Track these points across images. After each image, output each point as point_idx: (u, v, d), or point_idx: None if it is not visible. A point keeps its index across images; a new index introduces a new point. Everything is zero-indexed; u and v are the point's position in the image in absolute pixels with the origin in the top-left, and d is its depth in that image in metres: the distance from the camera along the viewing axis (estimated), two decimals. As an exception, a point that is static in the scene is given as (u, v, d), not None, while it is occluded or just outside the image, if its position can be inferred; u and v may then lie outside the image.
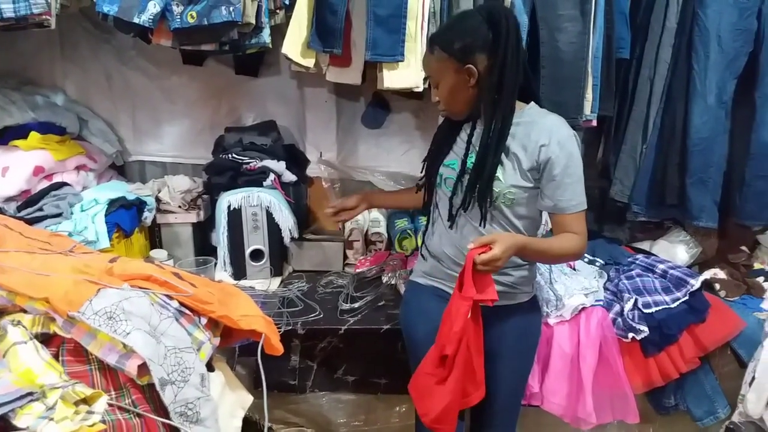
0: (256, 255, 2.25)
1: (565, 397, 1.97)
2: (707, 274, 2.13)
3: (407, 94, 2.32)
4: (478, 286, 1.40)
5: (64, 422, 0.90)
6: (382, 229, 2.46)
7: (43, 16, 1.77)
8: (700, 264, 2.35)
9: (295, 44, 2.01)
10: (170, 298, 1.25)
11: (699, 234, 2.34)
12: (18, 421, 0.89)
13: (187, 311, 1.26)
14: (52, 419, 0.90)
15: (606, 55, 2.08)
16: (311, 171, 2.61)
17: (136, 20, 1.83)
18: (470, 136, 1.59)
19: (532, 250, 1.48)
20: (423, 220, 2.06)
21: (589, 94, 2.05)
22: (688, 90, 2.10)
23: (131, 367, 1.06)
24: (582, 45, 2.01)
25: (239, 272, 2.26)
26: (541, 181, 1.53)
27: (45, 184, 2.13)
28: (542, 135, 1.51)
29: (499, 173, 1.52)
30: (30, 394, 0.92)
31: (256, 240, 2.24)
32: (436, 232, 1.71)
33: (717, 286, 2.16)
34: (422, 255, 1.77)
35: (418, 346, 1.67)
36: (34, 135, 2.13)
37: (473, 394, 1.53)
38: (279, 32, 2.06)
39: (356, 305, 2.06)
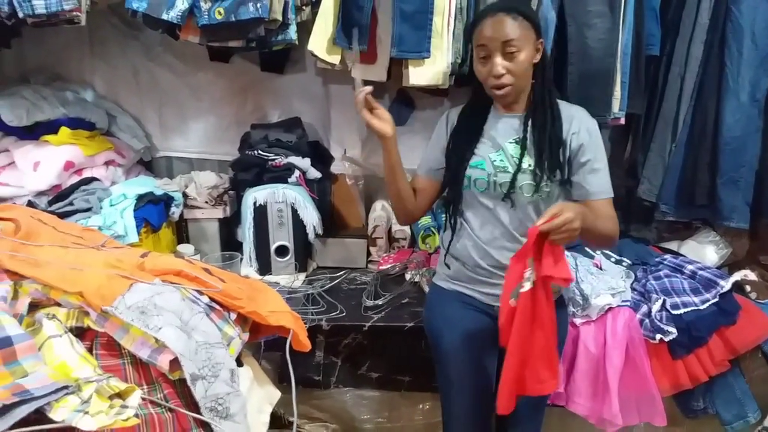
0: (281, 251, 2.26)
1: (591, 398, 1.95)
2: (737, 276, 2.08)
3: (432, 91, 2.31)
4: (546, 264, 1.32)
5: (99, 416, 0.91)
6: (406, 227, 2.46)
7: (74, 13, 1.80)
8: (729, 265, 2.31)
9: (321, 41, 2.01)
10: (200, 293, 1.26)
11: (729, 234, 2.29)
12: (54, 414, 0.90)
13: (217, 306, 1.27)
14: (87, 413, 0.91)
15: (635, 51, 2.05)
16: (335, 168, 2.61)
17: (164, 16, 1.85)
18: (524, 131, 1.55)
19: (586, 220, 1.40)
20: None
21: (617, 92, 2.03)
22: (720, 87, 2.06)
23: (163, 362, 1.07)
24: (611, 41, 1.99)
25: (264, 268, 2.27)
26: (571, 169, 1.53)
27: (75, 178, 2.16)
28: (572, 124, 1.54)
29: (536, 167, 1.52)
30: (65, 387, 0.93)
31: (281, 236, 2.25)
32: (462, 238, 1.65)
33: (747, 287, 2.12)
34: (446, 264, 1.70)
35: (444, 355, 1.67)
36: (64, 130, 2.16)
37: (547, 381, 1.43)
38: (305, 29, 2.07)
39: (380, 302, 2.06)
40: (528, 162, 1.53)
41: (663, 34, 2.12)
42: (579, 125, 1.54)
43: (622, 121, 2.09)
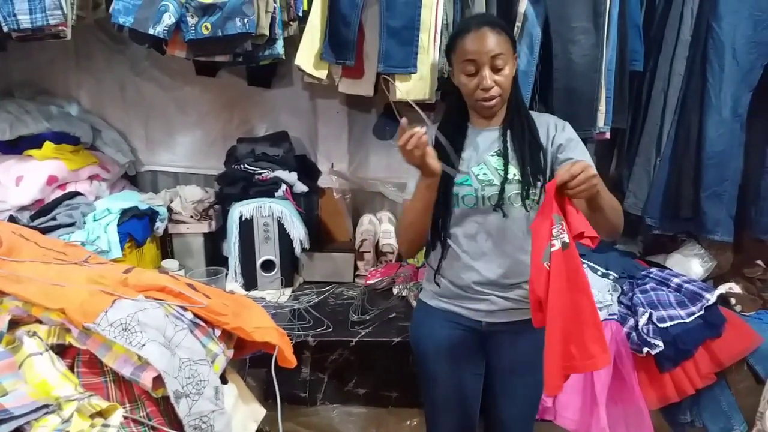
0: (268, 266, 2.25)
1: (579, 412, 1.94)
2: (722, 289, 2.11)
3: (419, 105, 2.31)
4: (576, 221, 1.27)
5: (79, 435, 0.89)
6: (393, 241, 2.45)
7: (60, 27, 1.79)
8: (714, 278, 2.33)
9: (308, 56, 2.01)
10: (185, 309, 1.24)
11: (714, 248, 2.31)
12: (33, 434, 0.88)
13: (202, 323, 1.26)
14: (67, 432, 0.89)
15: (619, 67, 2.08)
16: (322, 182, 2.61)
17: (151, 31, 1.84)
18: (504, 142, 1.56)
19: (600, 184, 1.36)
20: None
21: (602, 107, 2.05)
22: (702, 103, 2.09)
23: (146, 380, 1.05)
24: (595, 57, 2.01)
25: (250, 283, 2.25)
26: (555, 166, 1.55)
27: (58, 193, 2.14)
28: (548, 129, 1.57)
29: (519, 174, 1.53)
30: (46, 406, 0.91)
31: (267, 251, 2.23)
32: (450, 257, 1.61)
33: (732, 300, 2.14)
34: (435, 282, 1.65)
35: (430, 377, 1.67)
36: (48, 145, 2.15)
37: (598, 356, 1.29)
38: (292, 44, 2.07)
39: (367, 317, 2.05)
40: (513, 172, 1.54)
41: (646, 50, 2.15)
42: (554, 129, 1.57)
43: (607, 135, 2.11)
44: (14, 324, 1.12)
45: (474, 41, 1.48)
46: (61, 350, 1.10)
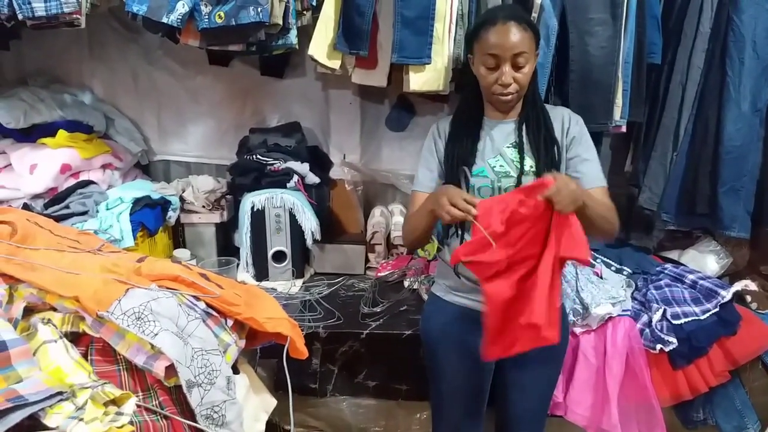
0: (279, 256, 2.25)
1: (590, 408, 1.93)
2: (738, 286, 2.07)
3: (432, 97, 2.30)
4: (565, 244, 1.31)
5: (93, 423, 0.90)
6: (405, 233, 2.44)
7: (74, 16, 1.79)
8: (730, 275, 2.30)
9: (321, 46, 2.00)
10: (197, 299, 1.24)
11: (730, 244, 2.28)
12: (48, 421, 0.88)
13: (214, 313, 1.26)
14: (81, 419, 0.90)
15: (637, 60, 2.04)
16: (334, 173, 2.60)
17: (164, 20, 1.84)
18: (520, 135, 1.55)
19: (587, 196, 1.38)
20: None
21: (619, 99, 2.02)
22: (721, 96, 2.06)
23: (159, 369, 1.05)
24: (612, 49, 1.98)
25: (261, 273, 2.25)
26: (566, 162, 1.56)
27: (72, 182, 2.15)
28: (562, 122, 1.57)
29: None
30: (60, 393, 0.91)
31: (278, 241, 2.23)
32: None
33: (748, 298, 2.11)
34: (457, 274, 1.62)
35: (438, 370, 1.66)
36: (62, 133, 2.15)
37: (547, 332, 1.34)
38: (305, 34, 2.06)
39: (378, 309, 2.04)
40: (529, 164, 1.53)
41: (664, 42, 2.12)
42: (568, 122, 1.57)
43: (624, 129, 2.08)
44: (29, 311, 1.13)
45: (498, 35, 1.45)
46: (75, 338, 1.11)
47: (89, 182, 2.17)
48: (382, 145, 2.61)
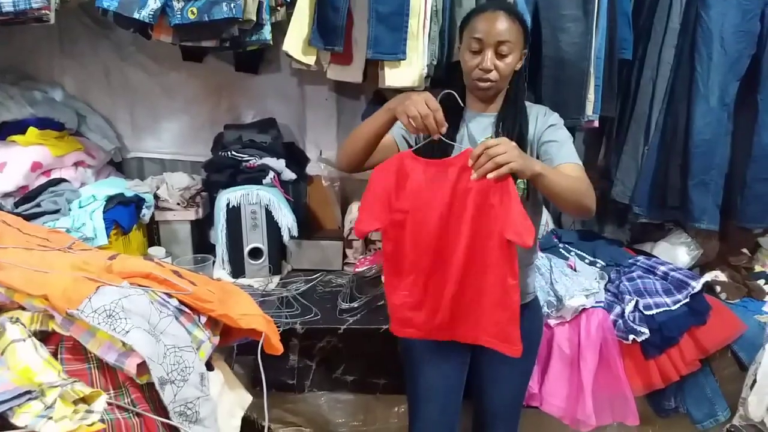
0: (255, 253, 2.24)
1: (565, 399, 1.96)
2: (708, 277, 2.12)
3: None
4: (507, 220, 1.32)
5: (63, 421, 0.89)
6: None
7: (43, 11, 1.76)
8: (701, 266, 2.34)
9: (296, 41, 1.99)
10: (170, 296, 1.23)
11: (700, 236, 2.33)
12: (16, 420, 0.87)
13: (187, 310, 1.25)
14: (50, 418, 0.89)
15: (608, 55, 2.07)
16: (311, 169, 2.59)
17: (136, 16, 1.82)
18: (496, 130, 1.56)
19: (542, 166, 1.36)
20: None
21: (591, 95, 2.05)
22: (690, 91, 2.09)
23: (131, 366, 1.04)
24: (584, 45, 2.01)
25: (238, 270, 2.24)
26: (540, 150, 1.56)
27: (43, 180, 2.11)
28: (537, 121, 1.58)
29: None
30: (29, 392, 0.90)
31: (255, 238, 2.22)
32: None
33: (718, 288, 2.16)
34: None
35: (414, 364, 1.68)
36: (32, 130, 2.12)
37: (461, 327, 1.45)
38: (280, 29, 2.05)
39: (355, 305, 2.04)
40: None
41: (635, 38, 2.15)
42: (539, 117, 1.59)
43: (596, 123, 2.11)
44: (-3, 310, 1.11)
45: (486, 21, 1.49)
46: (45, 337, 1.09)
47: (61, 180, 2.14)
48: (358, 141, 2.61)
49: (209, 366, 1.27)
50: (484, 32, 1.48)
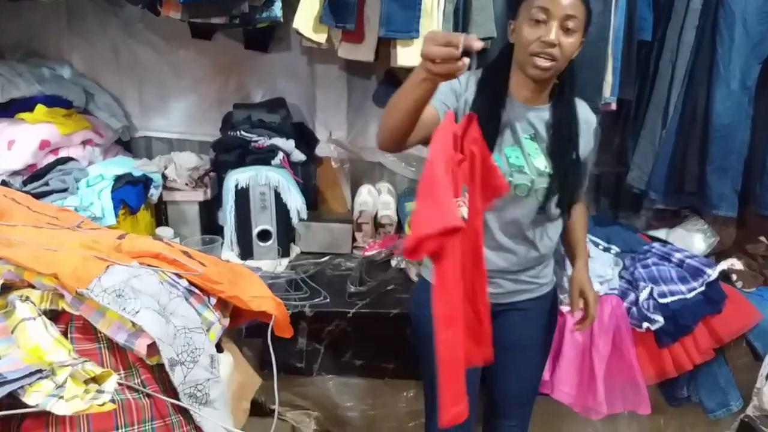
0: (264, 235, 2.22)
1: (576, 386, 1.94)
2: (724, 265, 2.09)
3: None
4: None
5: (73, 401, 0.87)
6: (392, 212, 2.42)
7: (51, -14, 1.73)
8: (717, 254, 2.31)
9: (306, 19, 1.95)
10: (180, 276, 1.22)
11: (717, 223, 2.29)
12: (27, 399, 0.86)
13: (197, 291, 1.23)
14: (61, 397, 0.87)
15: (627, 36, 2.02)
16: (320, 150, 2.56)
17: (145, -9, 1.79)
18: (545, 129, 1.47)
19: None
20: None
21: (609, 77, 2.00)
22: (710, 74, 2.04)
23: (140, 347, 1.03)
24: (603, 25, 1.95)
25: (246, 252, 2.22)
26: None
27: (51, 158, 2.10)
28: (590, 134, 1.53)
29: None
30: (39, 371, 0.89)
31: (263, 220, 2.20)
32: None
33: (734, 276, 2.12)
34: None
35: (432, 360, 1.63)
36: (40, 108, 2.09)
37: (475, 350, 1.29)
38: (290, 6, 2.01)
39: (364, 289, 2.02)
40: (544, 164, 1.45)
41: (655, 18, 2.09)
42: (589, 140, 1.53)
43: (614, 106, 2.07)
44: (7, 288, 1.09)
45: None
46: (55, 315, 1.08)
47: (69, 159, 2.12)
48: (369, 122, 2.57)
49: (219, 348, 1.26)
50: (552, 2, 1.32)
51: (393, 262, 2.21)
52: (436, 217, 1.00)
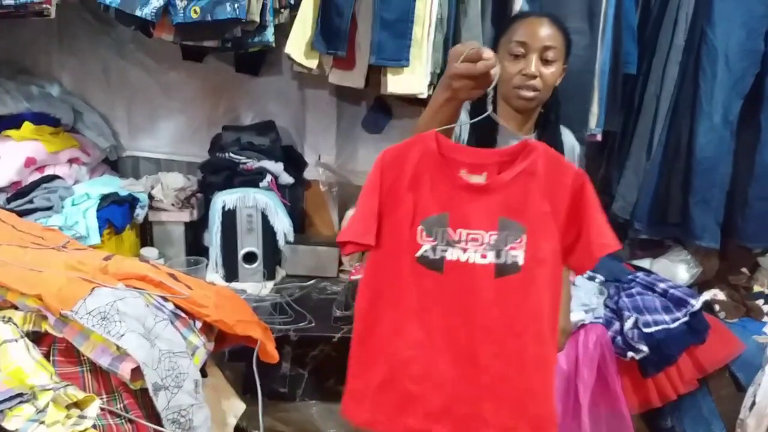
0: (250, 257, 2.20)
1: (561, 415, 1.93)
2: (707, 295, 2.11)
3: (410, 99, 2.29)
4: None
5: (55, 426, 0.86)
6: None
7: (43, 5, 1.75)
8: (699, 284, 2.33)
9: (298, 44, 1.98)
10: (165, 299, 1.21)
11: (699, 254, 2.32)
12: (7, 423, 0.85)
13: (183, 314, 1.22)
14: (42, 422, 0.86)
15: (613, 69, 2.07)
16: (309, 174, 2.56)
17: (138, 13, 1.80)
18: None
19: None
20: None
21: (595, 108, 2.04)
22: (694, 108, 2.09)
23: (125, 371, 1.01)
24: (589, 58, 2.00)
25: (231, 274, 2.21)
26: None
27: (36, 176, 2.08)
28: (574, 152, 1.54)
29: None
30: (20, 395, 0.88)
31: (249, 242, 2.19)
32: None
33: (717, 307, 2.15)
34: None
35: None
36: (27, 125, 2.08)
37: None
38: (282, 32, 2.03)
39: (350, 313, 2.01)
40: None
41: (640, 53, 2.15)
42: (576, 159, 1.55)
43: (599, 137, 2.10)
44: (-12, 309, 1.08)
45: (531, 25, 1.38)
46: (37, 338, 1.06)
47: (55, 177, 2.10)
48: (358, 147, 2.59)
49: (203, 372, 1.24)
50: (529, 35, 1.35)
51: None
52: (348, 228, 1.09)
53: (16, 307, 1.08)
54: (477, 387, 1.07)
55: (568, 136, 1.58)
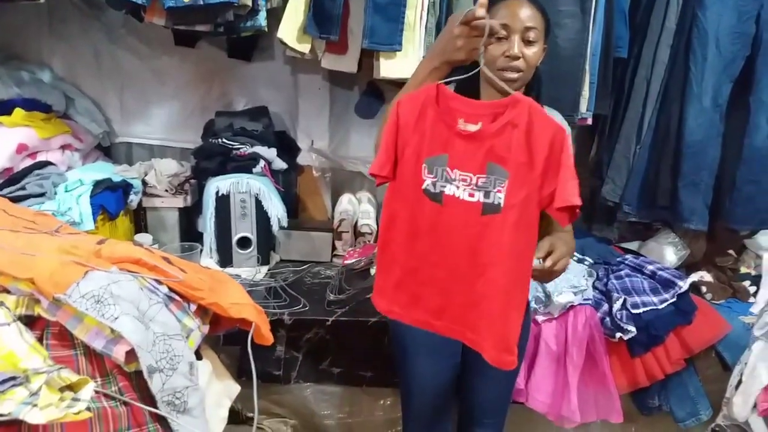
0: (244, 243, 2.22)
1: (550, 395, 1.96)
2: (694, 277, 2.14)
3: (402, 84, 2.28)
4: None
5: (48, 409, 0.86)
6: (372, 221, 2.44)
7: (33, -11, 1.73)
8: (687, 266, 2.36)
9: (291, 29, 1.97)
10: (159, 283, 1.21)
11: (688, 236, 2.34)
12: (0, 407, 0.85)
13: (177, 297, 1.23)
14: (35, 405, 0.86)
15: (604, 53, 2.08)
16: (302, 159, 2.57)
17: (129, -3, 1.79)
18: None
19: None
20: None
21: (585, 92, 2.05)
22: (684, 91, 2.10)
23: (119, 353, 1.03)
24: (581, 42, 2.01)
25: (225, 260, 2.22)
26: None
27: (28, 162, 2.08)
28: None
29: None
30: (13, 378, 0.88)
31: (243, 227, 2.20)
32: None
33: (703, 288, 2.17)
34: None
35: (407, 355, 1.64)
36: (18, 111, 2.08)
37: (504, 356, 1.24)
38: (275, 16, 2.03)
39: (343, 297, 2.03)
40: None
41: (631, 36, 2.15)
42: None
43: (590, 121, 2.11)
44: (-19, 294, 1.08)
45: (511, 7, 1.38)
46: (30, 321, 1.07)
47: (47, 163, 2.10)
48: (350, 132, 2.60)
49: (198, 355, 1.26)
50: (510, 17, 1.36)
51: (372, 271, 2.22)
52: (374, 162, 1.28)
53: (8, 291, 1.08)
54: (463, 300, 1.25)
55: (555, 117, 1.58)
